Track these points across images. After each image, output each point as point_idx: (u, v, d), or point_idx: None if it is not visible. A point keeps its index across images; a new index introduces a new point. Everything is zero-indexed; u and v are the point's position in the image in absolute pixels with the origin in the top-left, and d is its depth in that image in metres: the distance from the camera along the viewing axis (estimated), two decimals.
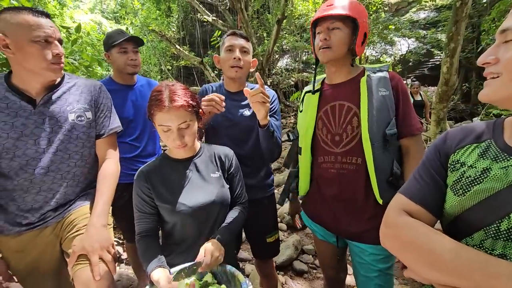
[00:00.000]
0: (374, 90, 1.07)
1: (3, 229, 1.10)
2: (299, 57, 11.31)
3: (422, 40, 10.24)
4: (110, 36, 1.70)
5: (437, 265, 0.56)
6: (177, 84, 1.06)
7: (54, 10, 7.61)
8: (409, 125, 1.08)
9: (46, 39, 1.05)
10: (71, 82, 1.21)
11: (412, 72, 10.57)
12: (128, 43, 1.67)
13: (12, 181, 1.07)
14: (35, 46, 1.03)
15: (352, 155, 1.13)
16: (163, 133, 1.03)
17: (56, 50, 1.08)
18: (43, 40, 1.04)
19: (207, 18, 9.13)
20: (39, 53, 1.04)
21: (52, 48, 1.07)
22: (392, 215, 0.69)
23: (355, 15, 1.06)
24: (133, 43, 1.69)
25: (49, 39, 1.06)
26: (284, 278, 2.22)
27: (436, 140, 0.74)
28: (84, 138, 1.19)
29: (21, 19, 1.02)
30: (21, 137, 1.06)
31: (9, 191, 1.08)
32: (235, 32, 1.41)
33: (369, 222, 1.12)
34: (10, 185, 1.08)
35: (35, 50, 1.04)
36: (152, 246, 1.06)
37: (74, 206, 1.19)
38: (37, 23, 1.03)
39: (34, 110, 1.09)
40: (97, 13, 13.35)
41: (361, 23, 1.08)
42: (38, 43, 1.03)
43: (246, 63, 1.39)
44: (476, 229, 0.60)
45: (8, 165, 1.06)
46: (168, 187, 1.10)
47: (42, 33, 1.03)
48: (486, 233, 0.58)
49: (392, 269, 1.17)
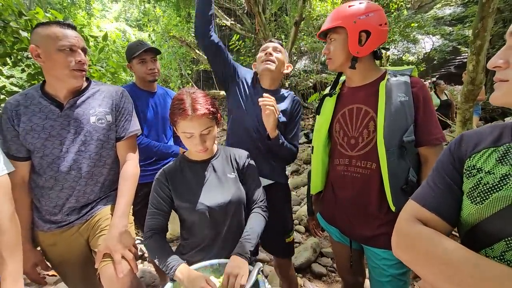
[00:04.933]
0: (393, 95, 1.04)
1: (38, 224, 1.22)
2: (317, 59, 11.20)
3: (447, 37, 9.81)
4: (130, 48, 1.83)
5: (454, 278, 0.52)
6: (197, 91, 1.10)
7: (83, 20, 8.06)
8: (428, 134, 1.04)
9: (71, 48, 1.15)
10: (95, 88, 1.30)
11: (437, 70, 10.14)
12: (147, 53, 1.79)
13: (41, 178, 1.18)
14: (61, 54, 1.13)
15: (367, 160, 1.12)
16: (186, 139, 1.08)
17: (78, 57, 1.17)
18: (67, 49, 1.14)
19: (225, 22, 9.28)
20: (64, 60, 1.14)
21: (75, 56, 1.17)
22: (405, 224, 0.65)
23: (340, 23, 1.09)
24: (151, 53, 1.81)
25: (73, 47, 1.16)
26: (302, 281, 2.21)
27: (449, 144, 0.69)
28: (104, 139, 1.26)
29: (50, 31, 1.13)
30: (49, 137, 1.16)
31: (39, 188, 1.19)
32: (272, 40, 1.54)
33: (382, 227, 1.11)
34: (41, 182, 1.18)
35: (60, 58, 1.14)
36: (165, 244, 1.10)
37: (96, 208, 1.27)
38: (63, 34, 1.14)
39: (60, 113, 1.19)
40: (121, 21, 13.96)
41: (350, 26, 1.07)
42: (63, 52, 1.14)
43: (278, 60, 1.47)
44: (496, 240, 0.56)
45: (39, 163, 1.18)
46: (188, 187, 1.15)
47: (67, 42, 1.14)
48: (507, 244, 0.54)
49: (406, 275, 1.14)
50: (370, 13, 1.07)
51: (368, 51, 1.10)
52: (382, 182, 1.07)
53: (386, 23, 1.11)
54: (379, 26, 1.08)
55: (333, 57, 1.17)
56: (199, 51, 9.51)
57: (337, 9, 1.14)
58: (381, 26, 1.09)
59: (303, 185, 4.23)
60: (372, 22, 1.07)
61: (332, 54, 1.17)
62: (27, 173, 1.20)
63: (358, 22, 1.07)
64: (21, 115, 1.15)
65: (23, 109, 1.16)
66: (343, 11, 1.11)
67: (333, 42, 1.15)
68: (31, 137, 1.15)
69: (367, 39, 1.08)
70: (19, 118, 1.15)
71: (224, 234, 1.15)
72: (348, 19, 1.08)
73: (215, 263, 1.05)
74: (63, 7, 9.80)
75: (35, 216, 1.22)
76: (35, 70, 2.25)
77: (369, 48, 1.10)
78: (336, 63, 1.17)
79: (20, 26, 2.01)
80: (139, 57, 1.77)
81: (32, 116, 1.16)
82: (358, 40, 1.08)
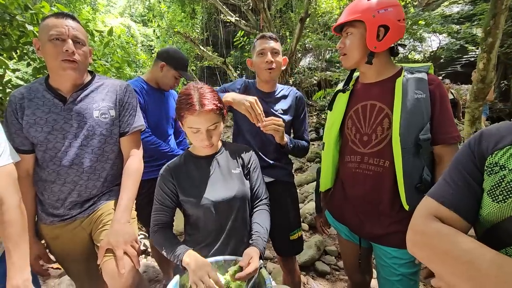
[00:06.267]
0: (410, 92, 1.02)
1: (41, 217, 1.21)
2: (322, 56, 11.12)
3: (455, 36, 9.65)
4: (179, 59, 1.82)
5: (476, 279, 0.50)
6: (204, 86, 1.09)
7: (88, 15, 8.06)
8: (444, 133, 1.02)
9: (58, 37, 1.10)
10: (99, 82, 1.28)
11: (443, 69, 10.02)
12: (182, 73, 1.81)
13: (44, 171, 1.17)
14: (50, 44, 1.10)
15: (380, 157, 1.10)
16: (192, 134, 1.07)
17: (65, 47, 1.11)
18: (55, 39, 1.10)
19: (230, 18, 9.22)
20: (52, 51, 1.10)
21: (64, 46, 1.11)
22: (421, 221, 0.64)
23: (359, 17, 1.05)
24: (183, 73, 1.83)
25: (61, 37, 1.10)
26: (305, 278, 2.20)
27: (469, 140, 0.67)
28: (107, 134, 1.24)
29: (45, 22, 1.11)
30: (52, 131, 1.15)
31: (43, 181, 1.18)
32: (265, 35, 1.47)
33: (394, 225, 1.09)
34: (44, 175, 1.18)
35: (50, 48, 1.11)
36: (171, 236, 1.11)
37: (99, 203, 1.26)
38: (53, 23, 1.10)
39: (63, 106, 1.17)
40: (126, 16, 13.96)
41: (369, 20, 1.05)
42: (52, 42, 1.10)
43: (278, 64, 1.45)
44: None
45: (42, 156, 1.17)
46: (192, 182, 1.14)
47: (54, 31, 1.10)
48: None
49: (417, 275, 1.13)
50: (389, 7, 1.05)
51: (386, 46, 1.08)
52: (395, 180, 1.05)
53: (404, 19, 1.09)
54: (398, 21, 1.06)
55: (349, 52, 1.14)
56: (203, 47, 9.49)
57: (355, 2, 1.11)
58: (400, 22, 1.07)
59: (306, 183, 4.21)
60: (391, 16, 1.05)
61: (348, 49, 1.13)
62: (32, 166, 1.19)
63: (377, 16, 1.05)
64: (25, 108, 1.15)
65: (27, 102, 1.15)
66: (362, 4, 1.08)
67: (350, 36, 1.12)
68: (34, 130, 1.14)
69: (385, 34, 1.06)
70: (23, 111, 1.14)
71: (228, 230, 1.14)
72: (367, 12, 1.06)
73: (221, 260, 1.05)
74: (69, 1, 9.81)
75: (39, 209, 1.22)
76: (40, 64, 2.24)
77: (387, 43, 1.07)
78: (352, 60, 1.14)
79: (26, 20, 2.00)
80: (179, 74, 1.80)
81: (36, 110, 1.15)
82: (377, 34, 1.06)
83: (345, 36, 1.14)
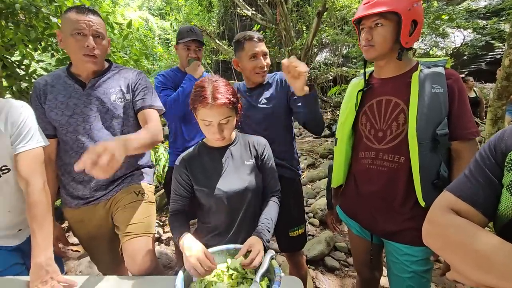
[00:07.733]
0: (427, 86, 1.00)
1: (66, 201, 1.28)
2: (339, 51, 10.89)
3: (480, 31, 9.21)
4: (180, 32, 1.88)
5: (487, 267, 0.51)
6: (219, 79, 1.10)
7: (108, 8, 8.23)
8: (463, 128, 0.99)
9: (80, 32, 1.15)
10: (116, 70, 1.34)
11: (466, 67, 9.60)
12: (193, 42, 1.83)
13: (67, 154, 1.24)
14: (71, 39, 1.16)
15: (395, 153, 1.08)
16: (204, 126, 1.09)
17: (87, 43, 1.16)
18: (76, 33, 1.15)
19: (246, 12, 9.19)
20: (74, 45, 1.17)
21: (85, 41, 1.16)
22: (438, 213, 0.65)
23: (395, 9, 0.99)
24: (197, 42, 1.85)
25: (82, 32, 1.15)
26: (314, 273, 2.21)
27: (491, 137, 0.67)
28: (124, 117, 1.29)
29: (67, 16, 1.16)
30: (73, 115, 1.21)
31: (66, 165, 1.25)
32: (252, 36, 1.42)
33: (407, 222, 1.08)
34: (67, 159, 1.24)
35: (72, 42, 1.16)
36: (182, 222, 1.13)
37: (121, 185, 1.31)
38: (76, 18, 1.15)
39: (83, 91, 1.23)
40: (144, 10, 14.14)
41: (405, 14, 0.99)
42: (73, 36, 1.15)
43: (268, 66, 1.48)
44: None
45: (63, 140, 1.23)
46: (206, 173, 1.16)
47: (76, 27, 1.15)
48: None
49: (429, 273, 1.11)
50: (419, 1, 1.02)
51: (414, 41, 1.05)
52: (409, 176, 1.04)
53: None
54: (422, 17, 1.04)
55: (377, 45, 1.06)
56: (219, 41, 9.51)
57: None
58: (422, 17, 1.04)
59: (318, 178, 4.19)
60: (420, 11, 1.02)
61: (377, 41, 1.05)
62: (54, 151, 1.26)
63: (412, 10, 1.00)
64: (48, 93, 1.21)
65: (50, 88, 1.22)
66: None
67: (379, 28, 1.04)
68: (55, 114, 1.20)
69: (415, 29, 1.03)
70: (45, 96, 1.21)
71: (239, 221, 1.17)
72: (404, 4, 1.00)
73: (232, 248, 1.07)
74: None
75: (63, 192, 1.28)
76: (63, 56, 2.33)
77: (415, 38, 1.05)
78: (380, 51, 1.07)
79: (50, 12, 2.08)
80: (185, 43, 1.83)
81: (57, 94, 1.22)
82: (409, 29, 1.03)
83: (373, 28, 1.05)
